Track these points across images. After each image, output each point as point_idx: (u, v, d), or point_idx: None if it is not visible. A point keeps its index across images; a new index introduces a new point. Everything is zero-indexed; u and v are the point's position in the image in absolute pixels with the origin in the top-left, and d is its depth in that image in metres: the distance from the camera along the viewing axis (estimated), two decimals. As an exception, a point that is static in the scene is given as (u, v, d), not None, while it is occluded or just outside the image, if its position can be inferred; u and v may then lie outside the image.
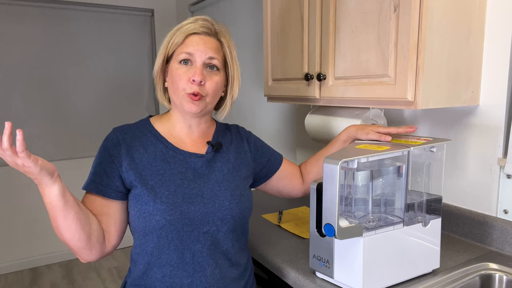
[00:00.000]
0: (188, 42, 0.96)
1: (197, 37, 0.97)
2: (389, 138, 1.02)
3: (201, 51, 0.95)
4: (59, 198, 0.82)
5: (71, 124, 3.26)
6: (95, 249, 0.92)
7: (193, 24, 0.97)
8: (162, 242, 0.93)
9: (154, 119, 1.05)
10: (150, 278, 0.95)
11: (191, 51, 0.95)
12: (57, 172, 0.82)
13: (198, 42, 0.96)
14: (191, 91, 0.94)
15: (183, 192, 0.94)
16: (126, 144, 0.97)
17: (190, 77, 0.94)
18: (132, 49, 3.43)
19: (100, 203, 0.94)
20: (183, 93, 0.95)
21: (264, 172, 1.15)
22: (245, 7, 2.46)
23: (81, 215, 0.87)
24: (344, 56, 1.19)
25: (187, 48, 0.95)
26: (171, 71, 0.98)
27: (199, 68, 0.94)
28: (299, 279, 1.04)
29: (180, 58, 0.96)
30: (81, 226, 0.87)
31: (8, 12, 2.93)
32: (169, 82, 0.99)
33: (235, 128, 1.14)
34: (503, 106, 1.14)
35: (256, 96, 2.41)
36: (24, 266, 3.19)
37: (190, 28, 0.97)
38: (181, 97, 0.96)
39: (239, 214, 0.98)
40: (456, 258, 1.12)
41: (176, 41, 0.97)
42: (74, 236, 0.87)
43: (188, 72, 0.95)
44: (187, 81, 0.94)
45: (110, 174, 0.94)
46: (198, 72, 0.94)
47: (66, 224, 0.85)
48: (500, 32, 1.13)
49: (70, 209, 0.84)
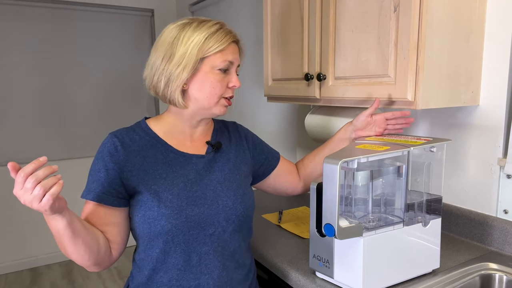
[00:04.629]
0: (229, 50, 0.96)
1: (234, 46, 0.98)
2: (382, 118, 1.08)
3: (237, 60, 0.99)
4: (67, 229, 0.80)
5: (71, 124, 3.26)
6: (103, 262, 0.92)
7: (225, 31, 0.96)
8: (168, 247, 0.92)
9: (151, 121, 1.02)
10: (156, 282, 0.94)
11: (232, 60, 0.96)
12: (66, 205, 0.79)
13: (235, 51, 0.98)
14: (228, 95, 0.98)
15: (187, 195, 0.93)
16: (124, 148, 0.94)
17: (229, 84, 0.97)
18: (132, 49, 3.43)
19: (104, 213, 0.92)
20: (220, 98, 0.97)
21: (262, 170, 1.14)
22: (245, 7, 2.46)
23: (88, 238, 0.86)
24: (344, 56, 1.19)
25: (227, 57, 0.95)
26: (205, 76, 0.94)
27: (235, 76, 0.98)
28: (299, 279, 1.04)
29: (221, 66, 0.94)
30: (90, 248, 0.86)
31: (8, 12, 2.93)
32: (198, 86, 0.95)
33: (233, 125, 1.14)
34: (503, 106, 1.14)
35: (256, 96, 2.41)
36: (24, 266, 3.19)
37: (230, 37, 0.96)
38: (217, 103, 0.97)
39: (243, 213, 0.98)
40: (456, 258, 1.12)
41: (215, 47, 0.93)
42: (84, 258, 0.87)
43: (225, 79, 0.96)
44: (225, 87, 0.97)
45: (111, 181, 0.91)
46: (237, 79, 0.98)
47: (75, 249, 0.85)
48: (500, 32, 1.13)
49: (78, 237, 0.83)
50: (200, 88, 0.95)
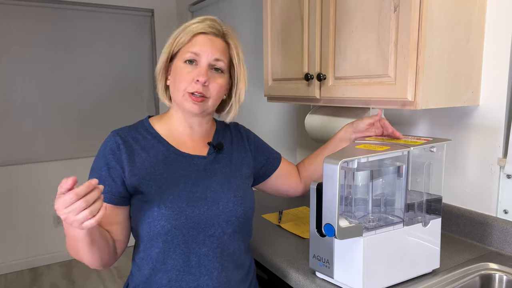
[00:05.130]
0: (195, 41, 0.94)
1: (204, 37, 0.95)
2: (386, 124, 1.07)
3: (208, 51, 0.94)
4: (86, 237, 0.80)
5: (71, 124, 3.26)
6: (110, 261, 0.92)
7: (200, 23, 0.95)
8: (168, 247, 0.92)
9: (154, 120, 1.03)
10: (155, 283, 0.94)
11: (197, 51, 0.93)
12: None
13: (205, 42, 0.94)
14: (193, 90, 0.93)
15: (187, 196, 0.93)
16: (126, 148, 0.94)
17: (194, 77, 0.93)
18: (132, 49, 3.43)
19: (112, 212, 0.92)
20: (184, 93, 0.94)
21: (263, 171, 1.14)
22: (245, 7, 2.46)
23: (102, 242, 0.86)
24: (344, 56, 1.19)
25: (193, 48, 0.93)
26: (174, 70, 0.96)
27: (204, 69, 0.93)
28: (299, 279, 1.04)
29: (185, 57, 0.94)
30: (102, 251, 0.87)
31: (8, 12, 2.93)
32: (172, 81, 0.97)
33: (235, 126, 1.13)
34: (503, 106, 1.14)
35: (256, 96, 2.41)
36: (24, 266, 3.19)
37: (198, 28, 0.95)
38: (182, 97, 0.94)
39: (243, 214, 0.98)
40: (456, 258, 1.12)
41: (182, 39, 0.95)
42: (95, 260, 0.87)
43: (192, 72, 0.93)
44: (191, 81, 0.93)
45: (115, 180, 0.91)
46: (203, 73, 0.92)
47: (90, 254, 0.85)
48: (500, 32, 1.13)
49: (95, 243, 0.83)
50: (172, 83, 0.97)
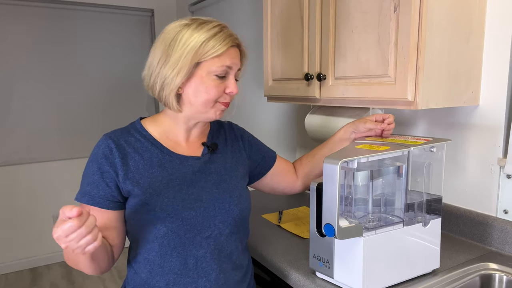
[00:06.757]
0: (227, 55, 0.91)
1: (234, 50, 0.93)
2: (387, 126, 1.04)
3: (236, 64, 0.94)
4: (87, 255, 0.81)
5: (71, 124, 3.26)
6: (108, 267, 0.92)
7: (225, 35, 0.91)
8: (164, 250, 0.91)
9: (147, 121, 1.00)
10: (153, 286, 0.93)
11: (230, 65, 0.92)
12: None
13: (235, 56, 0.93)
14: (225, 101, 0.94)
15: (183, 198, 0.92)
16: (119, 151, 0.92)
17: (226, 90, 0.93)
18: (132, 49, 3.43)
19: (100, 216, 0.90)
20: (215, 103, 0.94)
21: (258, 169, 1.14)
22: (245, 7, 2.46)
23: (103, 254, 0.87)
24: (344, 56, 1.19)
25: (224, 62, 0.90)
26: (200, 81, 0.91)
27: (234, 81, 0.94)
28: (299, 279, 1.04)
29: (217, 71, 0.90)
30: (102, 262, 0.88)
31: (8, 11, 2.93)
32: (194, 91, 0.92)
33: (229, 125, 1.12)
34: (503, 106, 1.14)
35: (256, 96, 2.41)
36: (24, 266, 3.19)
37: (230, 40, 0.91)
38: (211, 107, 0.93)
39: (240, 214, 0.98)
40: (456, 258, 1.12)
41: (213, 52, 0.89)
42: (95, 270, 0.88)
43: (222, 84, 0.93)
44: (222, 92, 0.93)
45: (108, 184, 0.90)
46: (235, 85, 0.94)
47: (90, 266, 0.86)
48: (500, 32, 1.13)
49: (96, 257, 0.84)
50: (195, 93, 0.92)
